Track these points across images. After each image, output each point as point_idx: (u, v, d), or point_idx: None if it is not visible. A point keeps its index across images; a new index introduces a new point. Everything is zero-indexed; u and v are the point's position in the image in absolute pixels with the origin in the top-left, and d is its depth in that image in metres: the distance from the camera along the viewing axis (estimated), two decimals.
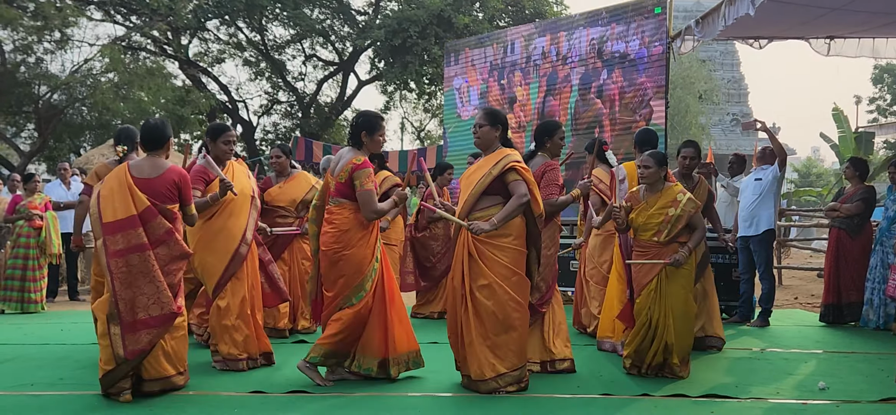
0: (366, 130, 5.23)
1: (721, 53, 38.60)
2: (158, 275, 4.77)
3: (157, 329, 4.75)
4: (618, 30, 10.28)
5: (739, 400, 4.96)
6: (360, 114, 5.43)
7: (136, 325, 4.69)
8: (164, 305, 4.75)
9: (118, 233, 4.76)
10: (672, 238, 5.44)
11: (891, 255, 7.81)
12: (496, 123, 5.15)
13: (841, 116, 21.43)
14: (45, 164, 21.32)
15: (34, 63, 17.54)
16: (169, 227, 4.88)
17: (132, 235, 4.76)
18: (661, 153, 5.67)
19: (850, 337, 7.65)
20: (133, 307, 4.70)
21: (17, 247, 9.57)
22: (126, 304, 4.70)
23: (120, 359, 4.67)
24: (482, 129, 5.15)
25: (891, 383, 5.41)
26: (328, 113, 24.06)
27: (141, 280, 4.74)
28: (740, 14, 7.63)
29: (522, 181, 4.94)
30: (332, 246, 5.13)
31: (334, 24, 23.02)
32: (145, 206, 4.82)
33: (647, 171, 5.51)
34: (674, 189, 5.54)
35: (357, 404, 4.78)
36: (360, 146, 5.25)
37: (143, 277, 4.74)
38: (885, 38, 9.50)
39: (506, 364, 4.90)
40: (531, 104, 11.43)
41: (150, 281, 4.75)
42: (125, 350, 4.65)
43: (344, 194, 5.16)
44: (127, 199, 4.81)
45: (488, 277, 4.88)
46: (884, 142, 31.05)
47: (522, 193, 4.91)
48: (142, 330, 4.70)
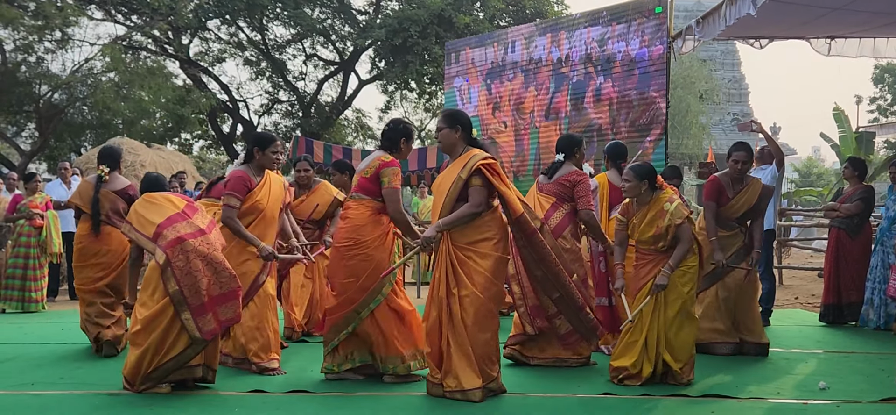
0: (405, 136, 5.29)
1: (722, 53, 38.59)
2: (218, 255, 4.96)
3: (224, 306, 4.92)
4: (618, 29, 10.28)
5: (739, 400, 4.96)
6: (400, 121, 5.45)
7: (205, 307, 4.85)
8: (223, 283, 4.91)
9: (165, 228, 4.97)
10: (671, 245, 5.39)
11: (891, 255, 7.81)
12: (455, 123, 4.96)
13: (841, 115, 21.40)
14: (45, 163, 21.33)
15: (35, 62, 17.55)
16: (211, 219, 5.23)
17: (181, 226, 4.98)
18: (643, 166, 5.59)
19: (851, 337, 7.65)
20: (197, 291, 4.83)
21: (18, 246, 9.57)
22: (190, 289, 4.82)
23: (197, 340, 4.83)
24: (442, 132, 4.99)
25: (891, 383, 5.41)
26: (329, 112, 24.06)
27: (198, 263, 4.87)
28: (741, 14, 7.63)
29: (482, 188, 4.75)
30: (345, 241, 5.10)
31: (335, 24, 23.03)
32: (184, 203, 5.18)
33: (627, 184, 5.47)
34: (661, 198, 5.43)
35: (357, 404, 4.78)
36: (395, 151, 5.27)
37: (200, 259, 4.89)
38: (886, 38, 9.49)
39: (483, 377, 4.72)
40: (535, 107, 11.43)
41: (208, 262, 4.91)
42: (200, 332, 4.82)
43: (366, 190, 5.15)
44: (164, 208, 5.12)
45: (468, 288, 4.70)
46: (884, 142, 31.02)
47: (477, 202, 4.73)
48: (210, 311, 4.86)
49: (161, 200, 5.19)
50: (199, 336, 4.82)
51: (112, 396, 4.91)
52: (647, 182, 5.41)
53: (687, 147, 28.55)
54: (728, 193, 6.46)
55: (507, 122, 11.82)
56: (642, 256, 5.48)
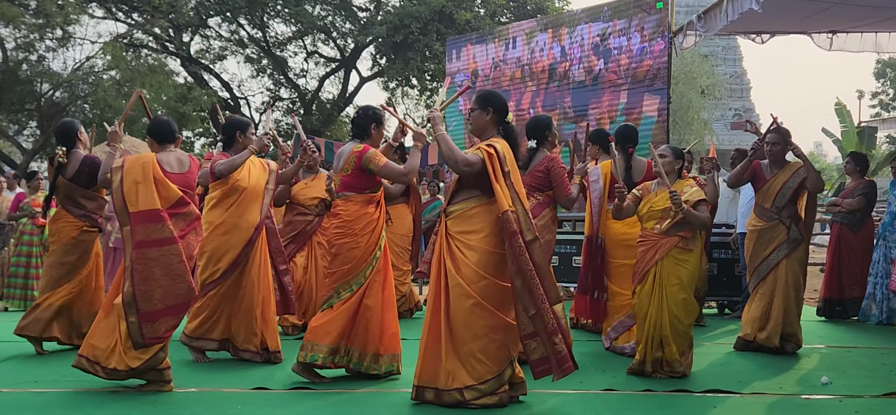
0: (375, 122, 5.30)
1: (723, 48, 38.55)
2: (182, 268, 4.90)
3: (175, 318, 4.93)
4: (619, 25, 10.26)
5: (742, 395, 4.96)
6: (369, 107, 5.43)
7: (154, 315, 4.82)
8: (179, 296, 4.90)
9: (143, 223, 4.89)
10: (673, 228, 5.36)
11: (893, 249, 7.80)
12: (487, 105, 4.70)
13: (843, 110, 21.40)
14: (47, 161, 21.35)
15: (36, 61, 17.58)
16: (198, 214, 5.18)
17: (154, 229, 4.88)
18: (679, 149, 5.70)
19: (853, 332, 7.64)
20: (150, 299, 4.82)
21: (21, 244, 9.58)
22: (142, 295, 4.81)
23: (139, 345, 4.80)
24: (473, 114, 4.78)
25: (894, 377, 5.41)
26: (330, 109, 24.06)
27: (158, 273, 4.85)
28: (744, 9, 7.61)
29: (479, 161, 4.50)
30: (337, 240, 5.15)
31: (336, 21, 23.02)
32: (179, 196, 5.04)
33: (663, 159, 5.49)
34: (683, 183, 5.52)
35: (359, 401, 4.78)
36: (366, 138, 5.27)
37: (161, 270, 4.85)
38: (888, 33, 9.47)
39: (473, 376, 4.44)
40: (534, 104, 11.42)
41: (169, 274, 4.87)
42: (144, 338, 4.80)
43: (350, 187, 5.16)
44: (153, 192, 4.95)
45: (455, 279, 4.48)
46: (886, 136, 31.00)
47: (470, 161, 4.49)
48: (159, 319, 4.84)
49: (160, 181, 4.99)
50: (140, 341, 4.80)
51: (113, 393, 4.91)
52: (680, 162, 5.57)
53: (688, 142, 28.52)
54: (765, 175, 6.41)
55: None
56: (645, 240, 5.50)
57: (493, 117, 4.69)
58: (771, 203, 6.32)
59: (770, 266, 6.29)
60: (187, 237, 5.03)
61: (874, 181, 8.82)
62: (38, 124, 18.64)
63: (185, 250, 4.95)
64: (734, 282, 8.58)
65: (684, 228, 5.38)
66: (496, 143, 4.53)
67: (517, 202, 4.45)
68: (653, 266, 5.40)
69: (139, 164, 5.02)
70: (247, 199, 5.81)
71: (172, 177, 5.06)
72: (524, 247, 4.36)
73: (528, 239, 4.39)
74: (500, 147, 4.50)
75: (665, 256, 5.36)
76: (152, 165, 5.02)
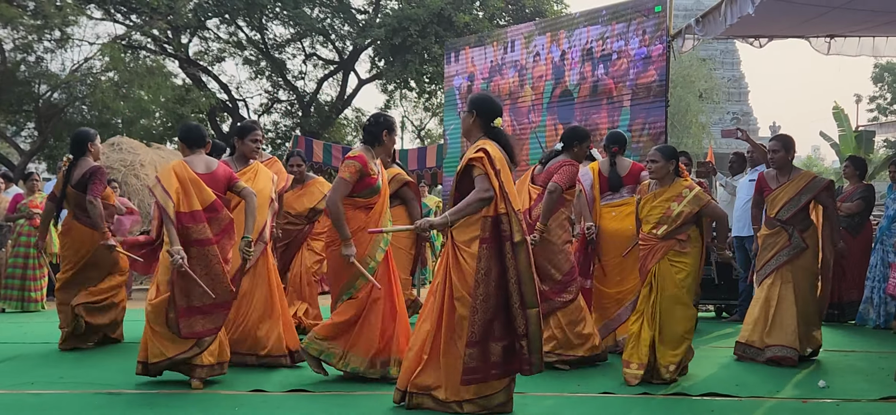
0: (387, 129, 5.27)
1: (721, 52, 38.56)
2: (220, 268, 5.11)
3: (213, 314, 5.08)
4: (618, 28, 10.26)
5: (739, 399, 4.97)
6: (381, 114, 5.42)
7: (192, 310, 5.01)
8: (220, 293, 5.08)
9: (186, 224, 5.06)
10: (670, 234, 5.38)
11: (891, 253, 7.81)
12: (472, 108, 4.59)
13: (841, 114, 21.43)
14: (45, 162, 21.32)
15: (34, 62, 17.56)
16: (230, 218, 5.27)
17: (195, 230, 5.07)
18: (670, 147, 5.69)
19: (850, 336, 7.65)
20: (188, 295, 5.00)
21: (18, 246, 9.57)
22: (181, 291, 4.98)
23: (178, 335, 4.99)
24: (462, 115, 4.70)
25: (891, 381, 5.41)
26: (328, 112, 24.05)
27: (198, 270, 5.03)
28: (742, 13, 7.61)
29: (484, 176, 4.34)
30: (329, 242, 5.24)
31: (334, 23, 23.00)
32: (213, 199, 5.16)
33: (653, 165, 5.48)
34: (680, 183, 5.48)
35: (356, 403, 4.78)
36: (378, 144, 5.28)
37: (201, 268, 5.04)
38: (886, 37, 9.48)
39: (471, 391, 4.35)
40: (540, 105, 11.43)
41: (207, 273, 5.05)
42: (180, 333, 4.97)
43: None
44: (192, 194, 5.12)
45: (459, 291, 4.34)
46: (884, 140, 31.07)
47: (485, 187, 4.31)
48: (197, 315, 5.02)
49: (196, 182, 5.17)
50: (178, 334, 4.99)
51: (111, 395, 4.91)
52: (673, 163, 5.50)
53: (686, 146, 28.52)
54: (771, 185, 6.36)
55: (505, 120, 11.81)
56: (644, 244, 5.52)
57: (477, 120, 4.55)
58: (775, 213, 6.23)
59: (768, 271, 6.24)
60: (222, 241, 5.17)
61: (872, 185, 8.85)
62: (36, 126, 18.63)
63: (221, 252, 5.14)
64: (731, 286, 8.59)
65: (681, 231, 5.39)
66: (486, 145, 4.42)
67: (507, 203, 4.34)
68: (651, 269, 5.41)
69: (171, 170, 5.19)
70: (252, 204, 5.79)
71: (205, 179, 5.22)
72: (511, 249, 4.29)
73: (517, 241, 4.30)
74: (491, 148, 4.41)
75: (661, 259, 5.38)
76: (184, 168, 5.19)
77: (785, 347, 5.99)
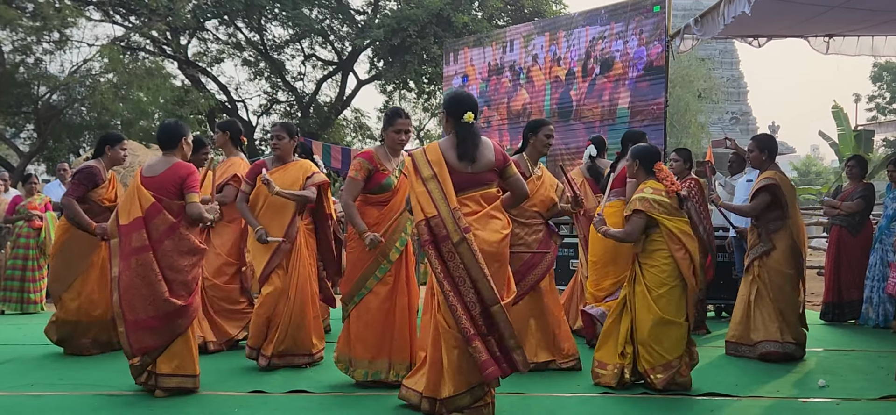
0: (386, 122, 5.27)
1: (720, 52, 38.60)
2: (156, 277, 4.86)
3: (159, 328, 4.87)
4: (617, 28, 10.28)
5: (739, 398, 4.97)
6: (398, 108, 5.37)
7: (138, 323, 4.85)
8: (159, 306, 4.85)
9: (127, 235, 4.97)
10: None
11: (890, 253, 7.81)
12: (444, 107, 4.64)
13: (840, 113, 21.42)
14: (44, 164, 21.31)
15: (33, 63, 17.53)
16: (173, 222, 4.97)
17: (135, 238, 4.92)
18: (687, 150, 5.74)
19: (850, 335, 7.65)
20: (133, 307, 4.85)
21: (17, 247, 9.56)
22: (127, 304, 4.86)
23: (128, 354, 4.90)
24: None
25: (890, 381, 5.41)
26: (327, 113, 24.04)
27: (138, 282, 4.86)
28: (738, 12, 7.63)
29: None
30: (348, 238, 5.29)
31: (333, 24, 23.00)
32: (150, 203, 4.94)
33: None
34: (644, 186, 5.40)
35: (358, 404, 4.78)
36: (385, 140, 5.27)
37: (140, 279, 4.87)
38: (884, 36, 9.49)
39: (429, 389, 4.38)
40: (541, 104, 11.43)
41: (147, 283, 4.86)
42: (131, 348, 4.87)
43: None
44: (134, 201, 5.01)
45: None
46: (883, 140, 31.08)
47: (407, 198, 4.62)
48: (144, 329, 4.85)
49: (133, 194, 5.03)
50: (129, 350, 4.89)
51: (111, 396, 4.91)
52: (638, 162, 5.29)
53: (685, 146, 28.57)
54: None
55: (503, 121, 11.82)
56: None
57: (449, 119, 4.50)
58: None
59: (746, 269, 6.47)
60: (164, 243, 4.93)
61: (873, 184, 8.85)
62: (35, 127, 18.61)
63: (163, 259, 4.91)
64: (731, 285, 8.58)
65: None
66: (414, 152, 4.47)
67: (442, 204, 4.24)
68: (627, 274, 5.39)
69: (132, 179, 5.19)
70: (274, 205, 5.76)
71: (148, 180, 5.03)
72: (453, 249, 4.20)
73: (455, 241, 4.19)
74: (418, 154, 4.42)
75: (633, 261, 5.28)
76: (136, 176, 5.12)
77: (768, 341, 6.13)
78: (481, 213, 4.39)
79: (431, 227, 4.24)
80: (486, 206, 4.42)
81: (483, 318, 4.19)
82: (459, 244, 4.18)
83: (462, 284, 4.19)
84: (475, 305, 4.18)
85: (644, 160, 5.29)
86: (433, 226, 4.23)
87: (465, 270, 4.18)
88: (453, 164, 4.36)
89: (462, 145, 4.39)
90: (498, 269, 4.33)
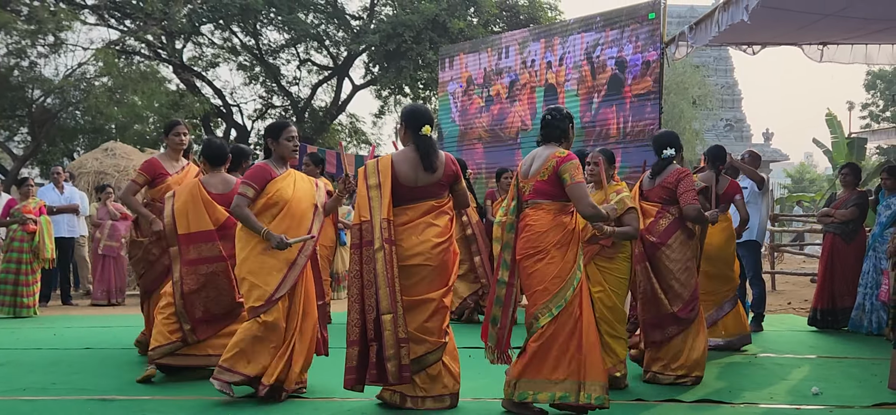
0: (572, 123, 4.86)
1: (715, 59, 38.73)
2: (230, 284, 5.50)
3: (223, 323, 5.54)
4: (612, 35, 10.29)
5: (733, 405, 4.97)
6: (562, 108, 4.90)
7: (203, 319, 5.49)
8: (225, 305, 5.54)
9: (193, 244, 5.47)
10: (593, 238, 5.28)
11: (883, 260, 7.84)
12: (402, 120, 4.90)
13: (834, 121, 21.49)
14: (38, 168, 21.24)
15: (28, 67, 17.47)
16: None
17: (204, 248, 5.48)
18: (610, 151, 5.68)
19: (844, 342, 7.67)
20: (200, 307, 5.48)
21: (11, 251, 9.53)
22: (192, 305, 5.44)
23: (189, 337, 5.45)
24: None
25: (884, 388, 5.43)
26: (323, 117, 24.02)
27: (209, 287, 5.48)
28: (734, 20, 7.64)
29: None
30: (528, 251, 4.64)
31: (329, 29, 22.99)
32: (226, 217, 5.47)
33: (596, 168, 5.40)
34: (613, 188, 5.44)
35: (358, 409, 4.76)
36: (564, 140, 4.82)
37: (210, 284, 5.48)
38: (878, 45, 9.53)
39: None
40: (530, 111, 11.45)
41: (216, 287, 5.50)
42: (197, 335, 5.47)
43: (544, 194, 4.66)
44: (203, 214, 5.49)
45: None
46: (876, 147, 31.11)
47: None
48: (206, 322, 5.50)
49: (200, 206, 5.51)
50: (194, 338, 5.48)
51: (104, 401, 4.90)
52: (612, 168, 5.57)
53: None
54: None
55: (500, 125, 11.82)
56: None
57: (408, 131, 4.81)
58: None
59: None
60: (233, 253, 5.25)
61: (866, 192, 8.87)
62: (29, 131, 18.56)
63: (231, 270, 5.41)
64: None
65: (605, 237, 5.25)
66: (369, 161, 4.82)
67: (376, 212, 4.62)
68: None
69: (187, 189, 5.57)
70: (290, 213, 5.00)
71: (217, 198, 5.52)
72: (371, 255, 4.58)
73: (376, 247, 4.57)
74: (371, 163, 4.78)
75: (588, 263, 5.24)
76: (200, 190, 5.52)
77: None
78: (417, 221, 4.71)
79: (362, 231, 4.66)
80: (426, 215, 4.73)
81: (374, 324, 4.56)
82: (377, 251, 4.56)
83: (368, 288, 4.59)
84: (372, 309, 4.56)
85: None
86: (363, 230, 4.65)
87: (375, 276, 4.56)
88: (404, 176, 4.70)
89: (425, 158, 4.69)
90: (430, 272, 4.68)
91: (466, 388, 4.93)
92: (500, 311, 4.75)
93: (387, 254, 4.54)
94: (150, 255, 6.07)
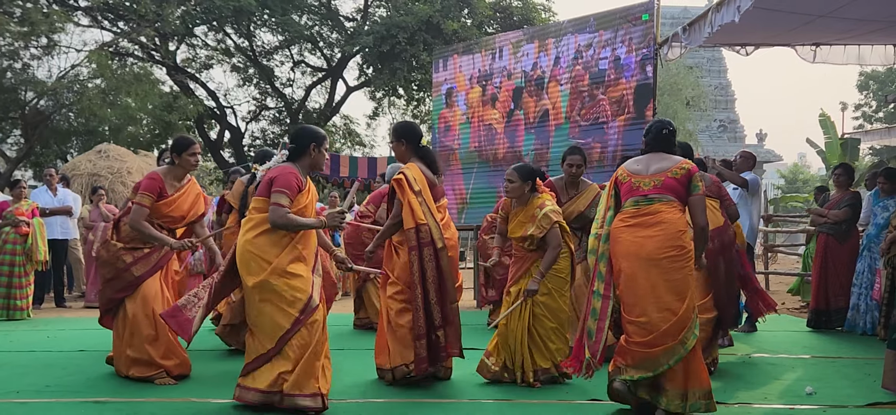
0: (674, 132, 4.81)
1: (708, 60, 38.80)
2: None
3: None
4: (605, 36, 10.31)
5: (727, 406, 4.98)
6: (666, 120, 4.84)
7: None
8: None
9: None
10: (536, 247, 5.47)
11: (878, 260, 7.86)
12: (400, 137, 5.51)
13: (827, 121, 21.55)
14: (31, 170, 21.18)
15: (21, 69, 17.43)
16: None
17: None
18: (526, 167, 5.67)
19: (838, 342, 7.69)
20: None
21: (4, 253, 9.50)
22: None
23: None
24: (392, 145, 5.56)
25: (877, 387, 5.44)
26: (317, 119, 24.00)
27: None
28: (726, 21, 7.67)
29: (397, 201, 5.33)
30: (667, 250, 4.42)
31: (322, 31, 22.98)
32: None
33: (510, 185, 5.53)
34: (534, 203, 5.52)
35: (356, 408, 4.76)
36: (673, 150, 4.78)
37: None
38: (871, 45, 9.56)
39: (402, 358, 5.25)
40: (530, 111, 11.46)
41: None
42: None
43: (675, 191, 4.55)
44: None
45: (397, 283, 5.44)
46: (869, 148, 31.23)
47: (397, 212, 5.30)
48: None
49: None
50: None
51: (98, 403, 4.88)
52: (529, 184, 5.57)
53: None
54: (561, 198, 6.28)
55: (496, 127, 11.83)
56: (516, 252, 5.65)
57: (407, 146, 5.47)
58: (568, 220, 6.35)
59: None
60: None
61: (859, 192, 8.90)
62: (22, 133, 18.50)
63: None
64: None
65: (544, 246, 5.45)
66: (408, 169, 5.26)
67: (429, 216, 5.15)
68: (518, 280, 5.54)
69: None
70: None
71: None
72: (434, 254, 5.11)
73: (439, 247, 5.13)
74: (410, 172, 5.23)
75: (528, 271, 5.50)
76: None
77: None
78: (445, 218, 5.43)
79: (419, 233, 5.07)
80: (446, 212, 5.53)
81: (442, 313, 5.10)
82: (441, 250, 5.12)
83: (432, 283, 5.08)
84: (439, 302, 5.09)
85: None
86: (421, 232, 5.08)
87: (439, 272, 5.10)
88: (430, 181, 5.34)
89: (432, 164, 5.45)
90: (454, 261, 5.36)
91: (466, 388, 4.93)
92: (595, 324, 4.62)
93: (447, 252, 5.18)
94: (120, 262, 5.50)
